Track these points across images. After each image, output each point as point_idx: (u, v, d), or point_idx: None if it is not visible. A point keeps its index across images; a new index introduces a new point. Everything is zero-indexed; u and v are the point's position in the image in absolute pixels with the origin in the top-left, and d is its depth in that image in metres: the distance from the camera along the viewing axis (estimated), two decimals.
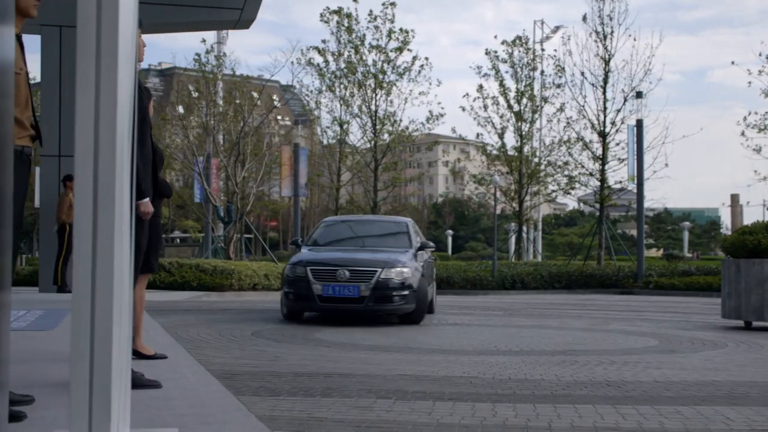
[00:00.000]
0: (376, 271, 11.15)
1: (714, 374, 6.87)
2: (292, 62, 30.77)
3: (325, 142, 33.62)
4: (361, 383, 5.98)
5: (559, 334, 10.35)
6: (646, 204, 27.46)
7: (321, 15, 30.11)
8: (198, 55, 29.94)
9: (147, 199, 4.56)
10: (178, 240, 56.71)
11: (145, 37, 5.12)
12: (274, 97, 43.00)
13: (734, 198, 49.47)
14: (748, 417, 4.94)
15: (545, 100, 32.78)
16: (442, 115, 30.97)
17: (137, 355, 5.81)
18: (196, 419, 3.84)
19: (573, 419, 4.78)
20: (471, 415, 4.86)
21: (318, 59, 30.35)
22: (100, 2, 2.32)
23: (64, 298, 12.11)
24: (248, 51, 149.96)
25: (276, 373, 6.44)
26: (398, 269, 11.28)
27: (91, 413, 2.35)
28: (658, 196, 64.32)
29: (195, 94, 33.21)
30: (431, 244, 13.20)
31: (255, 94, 32.27)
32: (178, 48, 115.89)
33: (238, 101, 31.16)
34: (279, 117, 53.55)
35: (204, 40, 30.68)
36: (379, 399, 5.31)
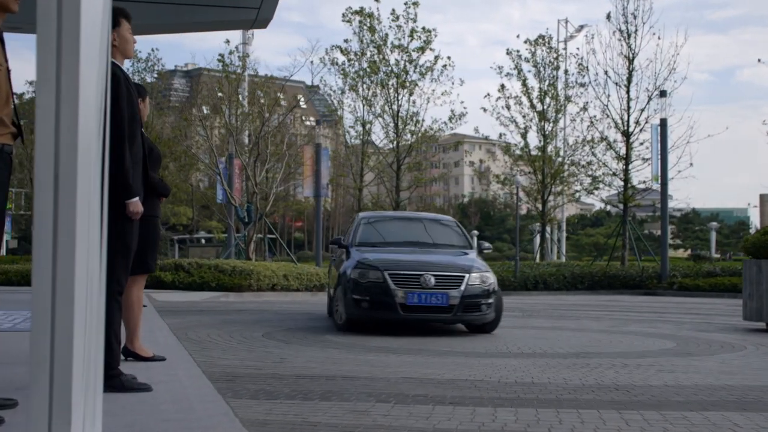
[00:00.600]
0: (463, 276, 10.10)
1: (728, 378, 6.69)
2: (311, 62, 30.81)
3: (348, 142, 33.57)
4: (362, 386, 5.87)
5: (575, 336, 10.19)
6: (672, 204, 27.12)
7: (343, 15, 30.13)
8: (221, 55, 29.86)
9: (136, 199, 4.48)
10: (202, 240, 56.91)
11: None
12: (300, 97, 42.98)
13: (763, 198, 48.67)
14: (757, 423, 4.78)
15: (568, 99, 32.58)
16: (464, 115, 30.85)
17: (134, 356, 5.76)
18: (180, 425, 3.75)
19: (574, 425, 4.65)
20: (470, 420, 4.74)
21: (341, 59, 30.36)
22: None
23: None
24: (275, 52, 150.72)
25: (278, 376, 6.35)
26: (482, 274, 10.31)
27: (50, 420, 2.27)
28: (683, 196, 63.79)
29: (219, 94, 33.17)
30: (487, 244, 12.18)
31: (280, 95, 32.16)
32: (204, 49, 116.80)
33: (262, 101, 31.09)
34: (303, 117, 53.54)
35: (228, 41, 30.59)
36: (378, 403, 5.21)
